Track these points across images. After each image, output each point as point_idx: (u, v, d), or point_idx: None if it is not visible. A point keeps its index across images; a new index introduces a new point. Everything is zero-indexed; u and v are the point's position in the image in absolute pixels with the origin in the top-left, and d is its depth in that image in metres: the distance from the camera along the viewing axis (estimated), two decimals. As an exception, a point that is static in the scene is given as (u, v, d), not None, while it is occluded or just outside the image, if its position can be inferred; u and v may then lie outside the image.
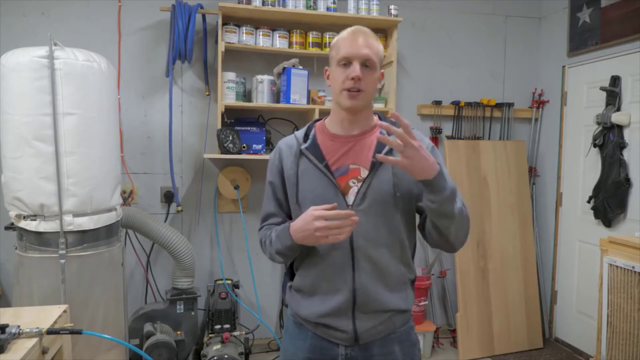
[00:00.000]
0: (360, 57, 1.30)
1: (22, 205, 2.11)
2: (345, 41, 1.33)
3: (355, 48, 1.30)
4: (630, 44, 3.07)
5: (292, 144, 1.43)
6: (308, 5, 3.17)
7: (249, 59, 3.29)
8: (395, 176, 1.32)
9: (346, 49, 1.31)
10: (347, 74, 1.30)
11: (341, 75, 1.32)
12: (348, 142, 1.37)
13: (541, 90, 3.84)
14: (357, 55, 1.30)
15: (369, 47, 1.31)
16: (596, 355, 2.51)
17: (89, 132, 2.18)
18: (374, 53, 1.32)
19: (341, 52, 1.32)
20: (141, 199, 3.23)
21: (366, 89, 1.32)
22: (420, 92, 3.70)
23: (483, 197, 3.57)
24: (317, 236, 1.22)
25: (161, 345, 2.68)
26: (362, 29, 1.35)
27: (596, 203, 3.25)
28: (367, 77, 1.31)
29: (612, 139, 3.13)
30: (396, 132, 1.13)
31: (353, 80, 1.29)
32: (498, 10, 3.82)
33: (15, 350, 1.24)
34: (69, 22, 3.03)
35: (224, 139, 2.99)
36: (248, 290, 3.35)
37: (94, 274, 2.23)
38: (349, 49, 1.31)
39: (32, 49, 2.08)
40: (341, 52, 1.32)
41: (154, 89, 3.21)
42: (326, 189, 1.33)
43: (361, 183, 1.33)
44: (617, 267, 2.37)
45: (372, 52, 1.32)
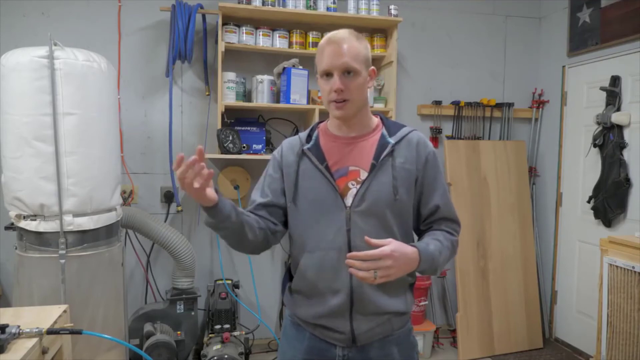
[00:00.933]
0: (338, 68, 1.28)
1: (22, 205, 2.11)
2: (322, 53, 1.31)
3: (332, 59, 1.28)
4: (630, 44, 3.07)
5: (295, 143, 1.43)
6: (308, 5, 3.16)
7: (249, 59, 3.29)
8: (395, 179, 1.32)
9: (325, 61, 1.29)
10: (330, 86, 1.29)
11: (326, 87, 1.31)
12: (349, 144, 1.37)
13: (541, 90, 3.84)
14: (335, 66, 1.28)
15: (347, 54, 1.28)
16: (596, 355, 2.51)
17: (89, 132, 2.18)
18: (353, 58, 1.28)
19: (321, 64, 1.31)
20: (141, 199, 3.22)
21: (352, 97, 1.30)
22: (420, 92, 3.70)
23: (483, 197, 3.57)
24: (182, 183, 1.13)
25: (161, 345, 2.68)
26: (338, 36, 1.31)
27: (596, 203, 3.25)
28: (350, 85, 1.29)
29: (612, 139, 3.13)
30: (365, 266, 1.16)
31: (336, 92, 1.28)
32: (498, 10, 3.82)
33: (15, 350, 1.25)
34: (69, 22, 3.03)
35: (224, 139, 2.99)
36: (248, 290, 3.35)
37: (94, 274, 2.23)
38: (327, 60, 1.29)
39: (32, 49, 2.08)
40: (321, 64, 1.31)
41: (154, 89, 3.21)
42: (325, 190, 1.33)
43: (360, 185, 1.32)
44: (617, 267, 2.37)
45: (352, 57, 1.28)
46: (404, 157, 1.35)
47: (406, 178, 1.34)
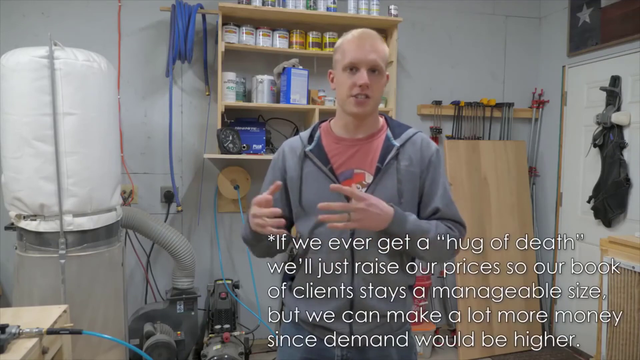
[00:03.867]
0: (367, 63, 1.27)
1: (22, 205, 2.11)
2: (351, 45, 1.29)
3: (363, 53, 1.27)
4: (630, 44, 3.07)
5: (296, 145, 1.40)
6: (308, 5, 3.16)
7: (249, 59, 3.29)
8: (400, 182, 1.31)
9: (353, 54, 1.27)
10: (354, 80, 1.27)
11: (348, 81, 1.29)
12: (353, 146, 1.36)
13: (541, 90, 3.84)
14: (364, 61, 1.27)
15: (376, 51, 1.28)
16: (596, 355, 2.51)
17: (89, 132, 2.18)
18: (381, 58, 1.29)
19: (347, 57, 1.28)
20: (141, 199, 3.22)
21: (373, 96, 1.29)
22: (420, 92, 3.69)
23: (483, 197, 3.57)
24: (255, 223, 1.24)
25: (161, 345, 2.68)
26: (368, 32, 1.32)
27: (596, 203, 3.25)
28: (374, 83, 1.28)
29: (612, 139, 3.13)
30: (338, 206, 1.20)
31: (361, 87, 1.26)
32: (498, 10, 3.82)
33: (15, 350, 1.24)
34: (69, 22, 3.03)
35: (224, 139, 2.99)
36: (248, 290, 3.34)
37: (94, 274, 2.23)
38: (355, 54, 1.27)
39: (32, 49, 2.08)
40: (347, 57, 1.28)
41: (154, 89, 3.21)
42: (330, 193, 1.30)
43: (365, 188, 1.31)
44: (617, 267, 2.36)
45: (379, 56, 1.29)
46: (409, 159, 1.33)
47: (411, 181, 1.33)
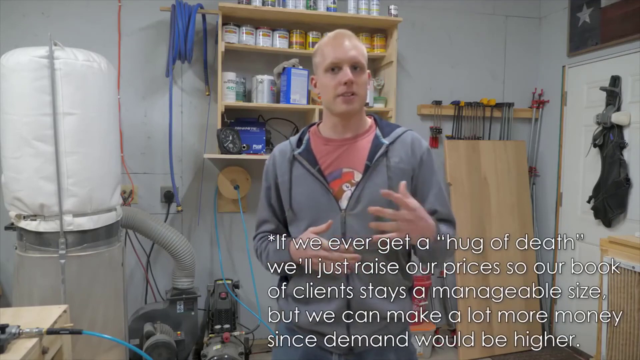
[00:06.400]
0: (349, 61, 1.28)
1: (22, 205, 2.11)
2: (330, 46, 1.31)
3: (343, 52, 1.28)
4: (630, 44, 3.07)
5: (285, 149, 1.41)
6: (308, 5, 3.16)
7: (249, 59, 3.29)
8: (390, 179, 1.30)
9: (333, 54, 1.29)
10: (338, 79, 1.28)
11: (332, 81, 1.30)
12: (342, 146, 1.36)
13: (541, 90, 3.84)
14: (345, 59, 1.28)
15: (355, 48, 1.30)
16: (596, 355, 2.51)
17: (89, 132, 2.18)
18: (361, 54, 1.31)
19: (328, 57, 1.30)
20: (141, 199, 3.22)
21: (359, 92, 1.30)
22: (420, 92, 3.69)
23: (483, 197, 3.57)
24: (313, 262, 1.24)
25: (161, 345, 2.68)
26: (344, 32, 1.34)
27: (596, 203, 3.25)
28: (358, 80, 1.30)
29: (612, 139, 3.13)
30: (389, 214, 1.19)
31: (346, 84, 1.27)
32: (498, 10, 3.82)
33: (15, 350, 1.24)
34: (69, 22, 3.02)
35: (224, 139, 2.99)
36: (248, 290, 3.34)
37: (94, 274, 2.23)
38: (336, 53, 1.29)
39: (32, 49, 2.08)
40: (328, 57, 1.30)
41: (154, 89, 3.21)
42: (319, 193, 1.31)
43: (354, 187, 1.31)
44: (617, 267, 2.37)
45: (359, 53, 1.30)
46: (399, 157, 1.33)
47: (402, 178, 1.31)
